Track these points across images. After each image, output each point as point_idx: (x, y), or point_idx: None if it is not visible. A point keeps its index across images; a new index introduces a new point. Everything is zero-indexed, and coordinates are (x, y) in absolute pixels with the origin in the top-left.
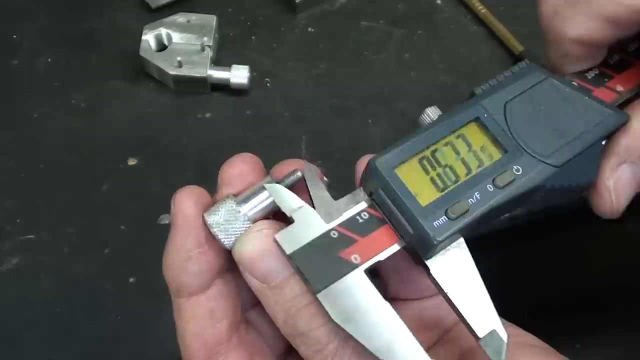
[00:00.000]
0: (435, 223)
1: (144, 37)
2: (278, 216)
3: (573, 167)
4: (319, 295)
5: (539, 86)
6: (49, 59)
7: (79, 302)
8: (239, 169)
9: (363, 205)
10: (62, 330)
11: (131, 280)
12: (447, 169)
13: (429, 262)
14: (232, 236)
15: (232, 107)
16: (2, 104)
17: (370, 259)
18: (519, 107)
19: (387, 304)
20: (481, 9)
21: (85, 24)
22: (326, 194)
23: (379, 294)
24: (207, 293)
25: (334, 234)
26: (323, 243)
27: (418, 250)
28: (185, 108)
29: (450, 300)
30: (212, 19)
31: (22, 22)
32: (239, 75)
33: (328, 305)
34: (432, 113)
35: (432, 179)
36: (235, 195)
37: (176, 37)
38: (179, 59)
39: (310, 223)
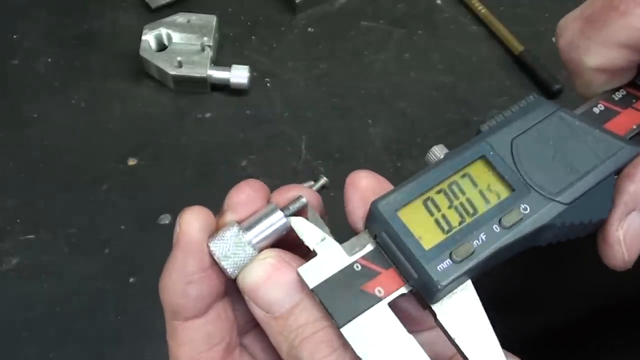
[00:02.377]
0: (440, 267)
1: (144, 37)
2: (282, 243)
3: (583, 203)
4: (343, 330)
5: (546, 120)
6: (49, 59)
7: (79, 302)
8: (247, 194)
9: (369, 248)
10: (62, 330)
11: (131, 280)
12: (452, 210)
13: (435, 307)
14: (237, 265)
15: (232, 107)
16: (2, 104)
17: (394, 291)
18: (527, 143)
19: (411, 337)
20: (481, 9)
21: (85, 24)
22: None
23: (402, 327)
24: (204, 316)
25: (357, 267)
26: (346, 276)
27: (423, 294)
28: (185, 108)
29: (458, 346)
30: (212, 19)
31: (22, 22)
32: (239, 75)
33: (352, 339)
34: (438, 151)
35: (436, 221)
36: (239, 222)
37: (176, 37)
38: (179, 59)
39: (333, 256)
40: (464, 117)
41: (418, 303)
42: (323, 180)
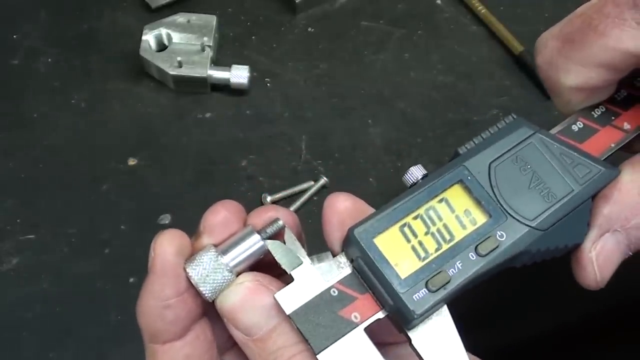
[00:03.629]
0: (415, 296)
1: (144, 37)
2: (259, 263)
3: (560, 229)
4: (319, 356)
5: (525, 143)
6: (49, 59)
7: (79, 302)
8: (222, 216)
9: (346, 272)
10: (62, 330)
11: (131, 280)
12: (429, 237)
13: (410, 333)
14: (215, 289)
15: (232, 107)
16: (2, 104)
17: (370, 317)
18: (504, 166)
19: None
20: (481, 9)
21: (85, 24)
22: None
23: (378, 353)
24: (183, 339)
25: (334, 292)
26: (323, 301)
27: (398, 321)
28: (185, 108)
29: None
30: (212, 19)
31: (22, 22)
32: (239, 75)
33: None
34: (416, 172)
35: (413, 248)
36: (215, 246)
37: (176, 37)
38: (179, 59)
39: (310, 281)
40: (464, 117)
41: (393, 326)
42: (323, 180)
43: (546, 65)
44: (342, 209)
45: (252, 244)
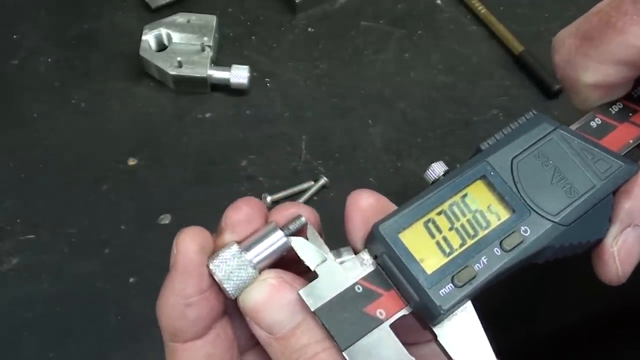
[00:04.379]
0: (442, 292)
1: (144, 37)
2: (281, 261)
3: (582, 224)
4: (345, 353)
5: (546, 139)
6: (49, 59)
7: (79, 302)
8: (245, 213)
9: (370, 268)
10: (62, 330)
11: (131, 280)
12: (453, 232)
13: (435, 329)
14: (239, 286)
15: (232, 107)
16: (2, 104)
17: (395, 313)
18: (527, 162)
19: (413, 359)
20: (481, 9)
21: (85, 24)
22: (332, 261)
23: (404, 349)
24: (204, 338)
25: (359, 289)
26: (347, 298)
27: (424, 317)
28: (185, 108)
29: None
30: (212, 19)
31: (22, 22)
32: (239, 75)
33: None
34: (437, 169)
35: (437, 243)
36: (238, 242)
37: (176, 37)
38: (179, 59)
39: (334, 277)
40: (464, 117)
41: (418, 323)
42: (323, 180)
43: (564, 63)
44: (366, 206)
45: (276, 241)
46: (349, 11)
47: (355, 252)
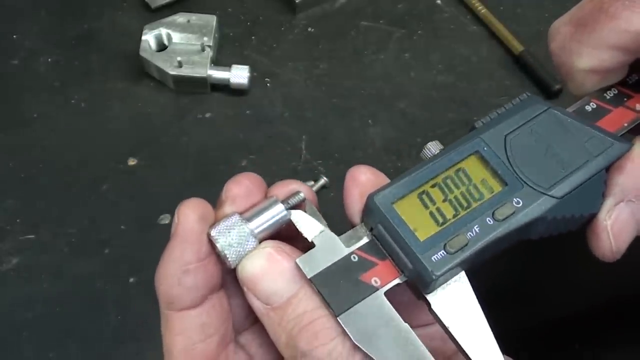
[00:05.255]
0: (434, 257)
1: (144, 37)
2: (280, 238)
3: (575, 198)
4: (340, 318)
5: (539, 117)
6: (49, 59)
7: (79, 302)
8: (245, 187)
9: (366, 240)
10: (62, 330)
11: (131, 280)
12: (447, 204)
13: (429, 297)
14: (239, 254)
15: (232, 107)
16: (2, 104)
17: (390, 281)
18: (520, 139)
19: (406, 326)
20: (481, 9)
21: (85, 24)
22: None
23: (398, 316)
24: (199, 307)
25: (354, 258)
26: (343, 267)
27: (417, 284)
28: (185, 108)
29: (452, 335)
30: (212, 19)
31: (22, 22)
32: (239, 75)
33: (349, 327)
34: (433, 148)
35: (431, 214)
36: (240, 214)
37: (176, 37)
38: (179, 59)
39: (331, 247)
40: (464, 117)
41: (412, 293)
42: (323, 180)
43: (559, 50)
44: (364, 181)
45: (277, 213)
46: (349, 11)
47: (353, 226)
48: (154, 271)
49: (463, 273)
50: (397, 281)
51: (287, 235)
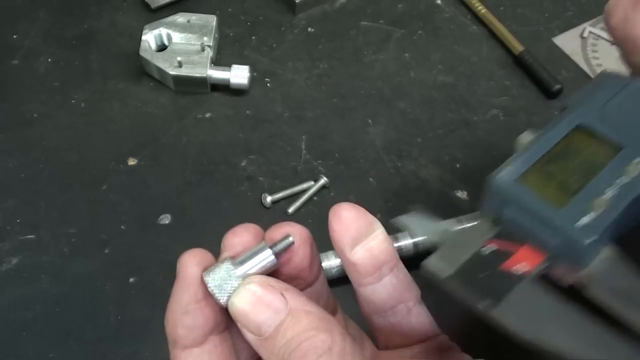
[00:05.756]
0: (578, 225)
1: (144, 37)
2: (278, 275)
3: None
4: (493, 313)
5: (627, 87)
6: (49, 59)
7: (79, 302)
8: (241, 237)
9: (493, 231)
10: (62, 330)
11: (131, 280)
12: (570, 173)
13: (583, 276)
14: (227, 294)
15: (232, 107)
16: (2, 104)
17: (535, 266)
18: (616, 108)
19: (571, 305)
20: (481, 9)
21: (85, 24)
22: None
23: (559, 296)
24: (201, 347)
25: (487, 250)
26: (478, 261)
27: (568, 261)
28: (185, 108)
29: (619, 314)
30: (212, 19)
31: (22, 22)
32: (239, 75)
33: (506, 320)
34: (527, 135)
35: (558, 184)
36: (232, 258)
37: (176, 37)
38: (179, 59)
39: (458, 244)
40: (464, 117)
41: (563, 278)
42: (323, 180)
43: (622, 24)
44: (346, 217)
45: (265, 257)
46: (349, 11)
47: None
48: (154, 271)
49: (611, 246)
50: (543, 264)
51: (287, 273)
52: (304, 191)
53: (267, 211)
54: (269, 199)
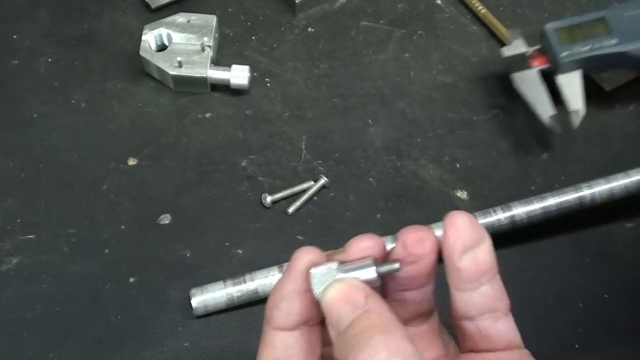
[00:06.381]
0: (563, 52)
1: (144, 37)
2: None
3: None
4: None
5: None
6: (49, 59)
7: (79, 302)
8: (364, 244)
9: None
10: (62, 331)
11: (131, 280)
12: (580, 35)
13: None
14: (321, 289)
15: (232, 107)
16: (2, 104)
17: (545, 64)
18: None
19: None
20: (481, 9)
21: (85, 24)
22: None
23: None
24: (290, 332)
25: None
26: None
27: (555, 66)
28: (185, 108)
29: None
30: (212, 19)
31: (22, 22)
32: (239, 75)
33: None
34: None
35: (570, 37)
36: (342, 262)
37: (176, 37)
38: (179, 59)
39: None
40: (464, 117)
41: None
42: (323, 180)
43: None
44: (461, 224)
45: (367, 273)
46: (349, 11)
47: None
48: (154, 271)
49: None
50: (546, 65)
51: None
52: (304, 191)
53: (267, 211)
54: (269, 199)
